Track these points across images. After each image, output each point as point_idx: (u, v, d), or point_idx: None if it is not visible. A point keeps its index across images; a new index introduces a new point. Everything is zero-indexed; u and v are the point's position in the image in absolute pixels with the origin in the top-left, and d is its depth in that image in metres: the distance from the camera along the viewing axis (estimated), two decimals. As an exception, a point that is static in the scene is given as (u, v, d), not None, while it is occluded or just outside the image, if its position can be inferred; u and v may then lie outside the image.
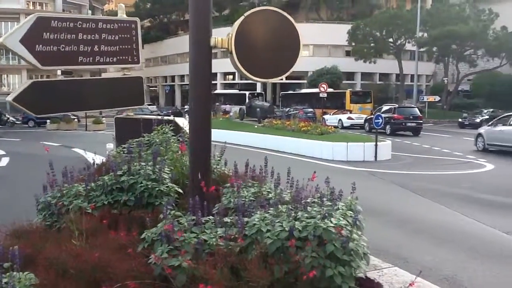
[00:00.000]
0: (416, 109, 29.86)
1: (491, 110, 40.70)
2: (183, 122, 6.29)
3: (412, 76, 49.43)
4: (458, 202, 8.89)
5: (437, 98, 46.65)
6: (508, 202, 9.13)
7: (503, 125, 18.16)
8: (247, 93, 48.09)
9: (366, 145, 15.59)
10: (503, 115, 20.60)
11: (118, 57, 6.51)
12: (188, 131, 4.11)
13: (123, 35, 6.51)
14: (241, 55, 3.57)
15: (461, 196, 9.72)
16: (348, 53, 55.62)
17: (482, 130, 19.70)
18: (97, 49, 6.25)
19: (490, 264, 5.35)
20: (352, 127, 31.21)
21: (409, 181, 11.47)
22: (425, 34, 45.91)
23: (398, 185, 10.83)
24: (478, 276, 4.97)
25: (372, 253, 4.18)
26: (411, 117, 27.13)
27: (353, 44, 50.58)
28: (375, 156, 15.24)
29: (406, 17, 46.46)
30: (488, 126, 19.63)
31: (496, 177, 12.52)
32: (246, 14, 3.61)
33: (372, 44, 49.90)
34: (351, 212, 3.08)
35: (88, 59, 6.17)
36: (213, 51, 3.70)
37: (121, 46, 6.49)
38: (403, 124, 26.90)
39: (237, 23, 3.61)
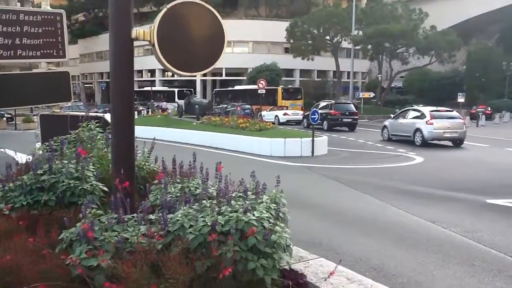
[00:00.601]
0: (352, 105, 30.80)
1: (421, 105, 42.64)
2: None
3: (349, 73, 50.85)
4: (389, 194, 9.23)
5: (372, 94, 48.36)
6: (434, 193, 9.58)
7: (403, 118, 21.15)
8: (176, 90, 48.09)
9: (304, 141, 15.86)
10: (403, 110, 23.88)
11: (42, 51, 6.19)
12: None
13: (47, 28, 6.20)
14: (164, 48, 3.48)
15: (392, 188, 10.11)
16: (287, 50, 56.40)
17: (386, 122, 22.45)
18: (19, 42, 5.93)
19: (416, 252, 5.57)
20: (288, 123, 31.83)
21: (343, 174, 11.78)
22: (360, 32, 47.36)
23: (333, 179, 11.09)
24: (405, 264, 5.16)
25: (304, 245, 4.25)
26: (347, 113, 27.94)
27: (292, 41, 51.36)
28: (312, 152, 15.53)
29: (342, 15, 47.71)
30: (391, 119, 22.35)
31: (424, 169, 13.14)
32: (168, 5, 3.53)
33: (310, 42, 50.87)
34: (274, 205, 3.08)
35: (8, 52, 5.84)
36: (149, 47, 3.61)
37: (45, 40, 6.18)
38: (340, 119, 27.66)
39: (159, 15, 3.52)
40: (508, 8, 60.74)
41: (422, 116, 19.86)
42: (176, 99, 45.44)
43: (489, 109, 47.46)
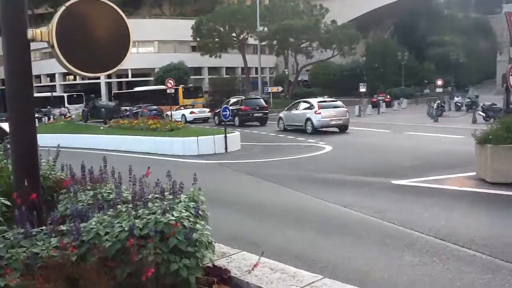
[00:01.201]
0: (262, 100, 31.36)
1: (326, 97, 44.46)
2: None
3: (257, 68, 51.59)
4: (304, 184, 9.51)
5: (280, 88, 49.48)
6: (346, 179, 10.03)
7: (296, 109, 23.01)
8: (65, 95, 45.94)
9: (216, 138, 15.86)
10: (294, 102, 25.58)
11: None
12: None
13: None
14: (64, 48, 3.28)
15: (306, 177, 10.42)
16: (194, 49, 56.01)
17: (281, 114, 24.17)
18: None
19: (334, 236, 5.80)
20: (195, 121, 31.74)
21: (258, 168, 11.95)
22: (265, 29, 48.22)
23: (249, 173, 11.21)
24: (323, 249, 5.34)
25: (226, 241, 4.24)
26: (257, 108, 28.37)
27: (198, 39, 51.03)
28: (226, 148, 15.58)
29: (246, 12, 48.22)
30: (286, 110, 24.10)
31: (333, 157, 13.71)
32: (67, 3, 3.33)
33: (216, 39, 50.86)
34: (193, 203, 3.04)
35: None
36: (46, 50, 3.37)
37: None
38: (251, 115, 28.02)
39: (57, 13, 3.31)
40: (400, 2, 65.14)
41: (311, 107, 21.93)
42: (66, 104, 43.25)
43: (388, 97, 50.55)
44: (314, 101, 22.98)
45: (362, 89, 41.87)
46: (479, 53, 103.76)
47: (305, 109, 22.35)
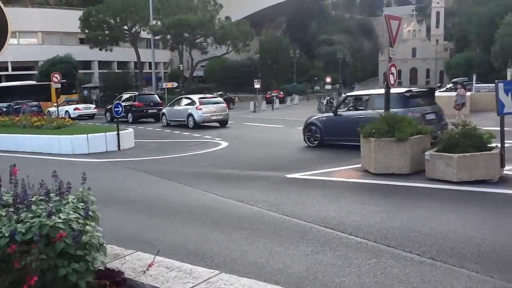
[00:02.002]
0: (156, 95, 30.73)
1: (219, 92, 44.89)
2: None
3: (150, 63, 50.41)
4: (200, 180, 9.47)
5: (175, 84, 48.82)
6: (242, 174, 10.18)
7: (178, 105, 23.96)
8: None
9: (108, 135, 15.19)
10: (177, 98, 26.85)
11: None
12: None
13: None
14: None
15: (202, 174, 10.41)
16: (82, 41, 53.27)
17: (165, 110, 25.01)
18: None
19: (229, 232, 5.83)
20: (80, 117, 30.19)
21: (154, 166, 11.69)
22: (159, 23, 47.25)
23: (143, 171, 10.91)
24: (220, 244, 5.36)
25: (120, 242, 4.07)
26: (151, 104, 27.78)
27: (87, 31, 48.57)
28: (118, 146, 15.01)
29: (139, 4, 46.85)
30: (168, 106, 25.06)
31: (229, 153, 13.85)
32: None
33: (107, 32, 48.82)
34: (82, 204, 2.88)
35: None
36: None
37: None
38: (145, 111, 27.35)
39: None
40: (292, 2, 67.43)
41: (192, 103, 22.93)
42: None
43: (282, 93, 52.24)
44: (195, 97, 23.93)
45: (257, 86, 42.81)
46: (364, 53, 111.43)
47: (187, 105, 23.25)
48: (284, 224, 6.04)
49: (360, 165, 9.76)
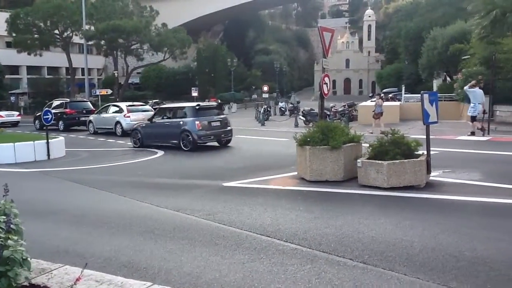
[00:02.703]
0: (89, 103, 29.81)
1: (155, 100, 44.27)
2: None
3: (83, 69, 48.76)
4: (134, 190, 9.24)
5: (110, 91, 47.54)
6: (178, 183, 10.05)
7: (106, 113, 23.91)
8: None
9: (37, 144, 14.48)
10: (104, 105, 26.63)
11: None
12: None
13: None
14: None
15: (137, 183, 10.16)
16: (9, 45, 50.58)
17: (91, 117, 24.83)
18: None
19: (165, 242, 5.71)
20: (3, 125, 28.44)
21: (85, 175, 11.27)
22: (92, 27, 45.87)
23: (74, 181, 10.49)
24: (155, 255, 5.24)
25: (48, 256, 3.88)
26: (84, 111, 26.90)
27: (14, 34, 46.24)
28: (48, 155, 14.37)
29: (71, 8, 45.29)
30: (96, 114, 24.96)
31: (165, 162, 13.64)
32: None
33: (36, 36, 46.73)
34: (4, 217, 2.71)
35: None
36: None
37: None
38: (77, 118, 26.43)
39: None
40: (229, 10, 67.82)
41: (120, 110, 23.01)
42: None
43: (219, 101, 52.22)
44: (123, 104, 24.07)
45: (194, 93, 42.59)
46: (300, 63, 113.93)
47: (115, 112, 23.23)
48: (221, 232, 6.01)
49: (296, 173, 9.92)
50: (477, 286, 4.11)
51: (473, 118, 17.45)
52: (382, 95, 26.66)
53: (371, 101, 44.10)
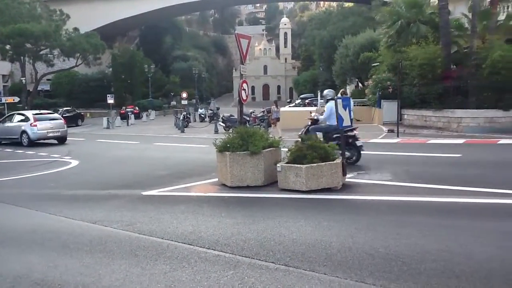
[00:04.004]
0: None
1: (66, 108, 42.38)
2: None
3: (-14, 76, 45.46)
4: (47, 203, 8.74)
5: (17, 99, 44.65)
6: (94, 193, 9.64)
7: (10, 122, 23.11)
8: None
9: None
10: (8, 114, 26.04)
11: None
12: None
13: None
14: None
15: (50, 196, 9.62)
16: None
17: None
18: None
19: (81, 256, 5.45)
20: None
21: (-9, 189, 10.49)
22: (-4, 31, 42.95)
23: (-21, 195, 9.72)
24: (71, 270, 4.98)
25: None
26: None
27: None
28: None
29: (-30, 10, 42.14)
30: None
31: (80, 172, 13.04)
32: None
33: None
34: None
35: None
36: None
37: None
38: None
39: None
40: (145, 15, 66.45)
41: (26, 119, 22.13)
42: None
43: (137, 108, 51.02)
44: (29, 113, 23.23)
45: (110, 101, 41.20)
46: (219, 69, 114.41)
47: (20, 121, 22.38)
48: (141, 243, 5.84)
49: (217, 179, 9.91)
50: (390, 280, 4.33)
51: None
52: (276, 101, 27.60)
53: (289, 106, 45.37)
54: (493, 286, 4.15)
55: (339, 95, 19.80)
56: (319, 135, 11.46)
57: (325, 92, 13.23)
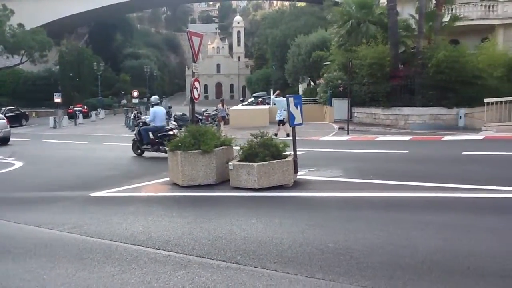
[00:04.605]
0: None
1: (10, 107, 40.72)
2: None
3: None
4: (-12, 206, 8.34)
5: (-44, 98, 42.48)
6: (39, 195, 9.27)
7: None
8: None
9: None
10: None
11: None
12: None
13: None
14: None
15: (-9, 198, 9.18)
16: None
17: None
18: None
19: (24, 261, 5.21)
20: None
21: None
22: None
23: None
24: (13, 276, 4.75)
25: None
26: None
27: None
28: None
29: None
30: None
31: (24, 174, 12.53)
32: None
33: None
34: None
35: None
36: None
37: None
38: None
39: None
40: (94, 11, 64.64)
41: None
42: None
43: (86, 107, 49.58)
44: None
45: (57, 99, 39.81)
46: (171, 67, 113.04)
47: None
48: (88, 246, 5.67)
49: (168, 179, 9.77)
50: (339, 274, 4.40)
51: (280, 122, 19.87)
52: (223, 100, 27.65)
53: (242, 105, 45.46)
54: (437, 276, 4.30)
55: (274, 95, 20.73)
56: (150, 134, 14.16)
57: (152, 98, 15.63)
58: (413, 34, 25.49)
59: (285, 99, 20.00)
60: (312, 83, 42.73)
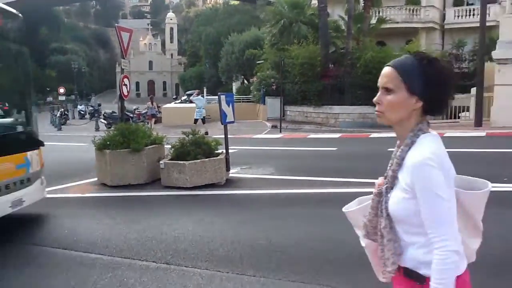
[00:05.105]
0: None
1: None
2: None
3: None
4: None
5: None
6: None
7: None
8: None
9: None
10: None
11: None
12: None
13: None
14: None
15: None
16: None
17: None
18: None
19: None
20: None
21: None
22: None
23: None
24: None
25: None
26: None
27: None
28: None
29: None
30: None
31: None
32: None
33: None
34: None
35: None
36: None
37: None
38: None
39: None
40: (17, 3, 61.06)
41: None
42: None
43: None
44: None
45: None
46: (101, 63, 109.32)
47: None
48: (8, 251, 5.35)
49: (96, 179, 9.44)
50: (270, 270, 4.45)
51: (196, 120, 20.43)
52: (152, 98, 27.31)
53: (175, 103, 44.86)
54: (367, 268, 4.46)
55: (195, 94, 21.23)
56: None
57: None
58: (343, 35, 26.26)
59: (203, 98, 20.51)
60: (245, 81, 42.95)
